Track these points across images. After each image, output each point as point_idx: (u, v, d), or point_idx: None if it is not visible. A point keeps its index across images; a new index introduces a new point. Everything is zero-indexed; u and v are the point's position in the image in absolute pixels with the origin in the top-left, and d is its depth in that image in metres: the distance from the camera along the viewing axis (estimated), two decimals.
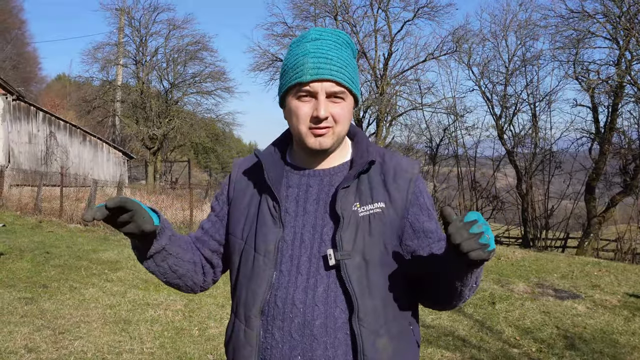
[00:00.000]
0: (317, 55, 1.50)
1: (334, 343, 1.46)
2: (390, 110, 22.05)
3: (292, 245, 1.53)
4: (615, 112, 16.32)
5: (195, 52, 31.41)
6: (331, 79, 1.48)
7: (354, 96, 1.56)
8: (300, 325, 1.47)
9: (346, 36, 1.59)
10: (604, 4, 15.74)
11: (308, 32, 1.58)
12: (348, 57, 1.55)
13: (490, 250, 1.27)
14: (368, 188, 1.55)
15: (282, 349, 1.48)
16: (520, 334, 6.11)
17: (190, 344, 5.56)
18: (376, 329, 1.47)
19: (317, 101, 1.49)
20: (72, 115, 34.99)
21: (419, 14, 22.22)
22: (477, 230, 1.25)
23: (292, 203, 1.58)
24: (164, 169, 34.59)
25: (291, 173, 1.63)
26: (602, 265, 10.32)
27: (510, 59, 19.75)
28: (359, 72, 12.28)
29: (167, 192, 22.49)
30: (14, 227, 13.07)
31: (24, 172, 22.03)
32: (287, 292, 1.50)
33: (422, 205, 1.56)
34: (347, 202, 1.52)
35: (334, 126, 1.52)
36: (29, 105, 23.38)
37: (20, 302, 6.77)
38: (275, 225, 1.55)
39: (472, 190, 20.45)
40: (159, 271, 1.62)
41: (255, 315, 1.52)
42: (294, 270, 1.51)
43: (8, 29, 42.92)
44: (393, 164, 1.59)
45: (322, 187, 1.58)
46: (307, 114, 1.51)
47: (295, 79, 1.50)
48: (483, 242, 1.25)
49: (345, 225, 1.49)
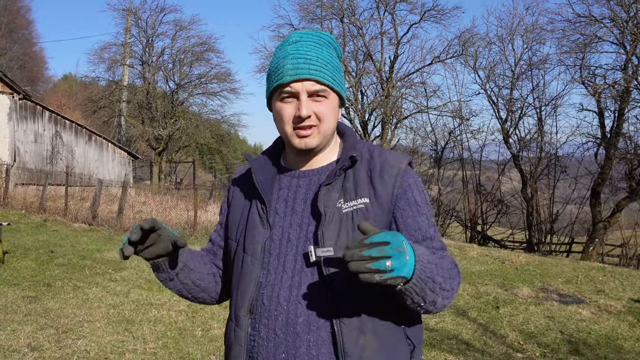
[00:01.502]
0: (296, 56, 1.51)
1: (317, 341, 1.46)
2: (395, 113, 22.01)
3: (279, 245, 1.55)
4: (621, 117, 16.24)
5: (201, 53, 31.53)
6: (311, 78, 1.49)
7: (337, 94, 1.57)
8: (284, 323, 1.48)
9: (328, 37, 1.61)
10: (611, 9, 15.67)
11: (290, 35, 1.60)
12: (329, 56, 1.56)
13: (388, 277, 1.21)
14: (353, 184, 1.55)
15: (268, 347, 1.50)
16: (524, 339, 6.09)
17: (193, 345, 5.55)
18: (359, 326, 1.46)
19: (299, 101, 1.51)
20: (78, 115, 35.13)
21: (425, 17, 22.19)
22: (376, 254, 1.20)
23: (281, 204, 1.61)
24: (169, 169, 34.66)
25: (283, 175, 1.66)
26: (607, 270, 10.28)
27: (516, 63, 19.67)
28: (366, 75, 12.12)
29: (171, 193, 22.51)
30: (18, 226, 13.11)
31: (30, 171, 22.10)
32: (273, 290, 1.51)
33: (410, 200, 1.54)
34: (330, 199, 1.52)
35: (319, 125, 1.53)
36: (35, 104, 23.46)
37: (24, 300, 6.78)
38: (263, 227, 1.58)
39: (476, 194, 20.38)
40: (185, 288, 1.69)
41: (244, 315, 1.55)
42: (280, 269, 1.53)
43: (15, 29, 43.12)
44: (380, 160, 1.58)
45: (310, 186, 1.60)
46: (291, 115, 1.52)
47: (277, 81, 1.52)
48: (375, 267, 1.19)
49: (328, 221, 1.49)
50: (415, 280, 1.29)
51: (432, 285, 1.34)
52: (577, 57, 17.03)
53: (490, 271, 9.80)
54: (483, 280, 8.93)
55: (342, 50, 1.68)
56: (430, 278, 1.33)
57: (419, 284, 1.30)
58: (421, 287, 1.31)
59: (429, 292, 1.34)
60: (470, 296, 7.83)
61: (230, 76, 33.03)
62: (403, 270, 1.24)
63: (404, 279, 1.26)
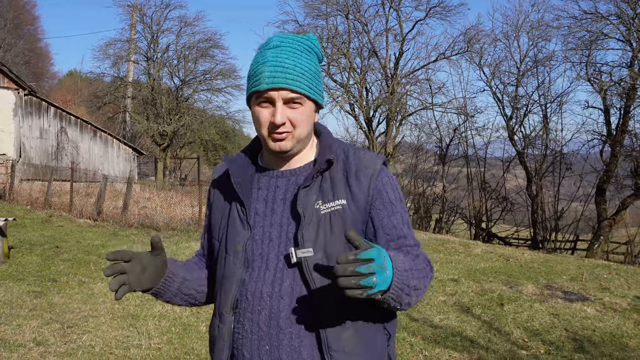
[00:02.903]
0: (274, 64, 1.55)
1: (299, 333, 1.53)
2: (400, 109, 21.98)
3: (261, 244, 1.61)
4: (627, 114, 16.18)
5: (206, 50, 31.51)
6: (286, 88, 1.54)
7: (312, 100, 1.60)
8: (267, 317, 1.55)
9: (309, 41, 1.64)
10: (617, 6, 15.60)
11: (270, 39, 1.64)
12: (307, 63, 1.59)
13: (372, 293, 1.28)
14: (330, 186, 1.60)
15: (252, 339, 1.56)
16: (529, 336, 6.08)
17: (198, 340, 5.57)
18: (340, 322, 1.53)
19: (275, 108, 1.56)
20: (83, 110, 35.21)
21: (430, 13, 22.15)
22: (365, 271, 1.26)
23: (261, 204, 1.66)
24: (174, 165, 34.73)
25: (261, 175, 1.71)
26: (612, 268, 10.25)
27: (521, 60, 19.63)
28: (370, 71, 12.14)
29: (176, 189, 22.55)
30: (24, 221, 13.16)
31: (35, 166, 22.18)
32: (256, 287, 1.57)
33: (385, 200, 1.60)
34: (308, 201, 1.58)
35: (293, 130, 1.58)
36: (41, 100, 23.52)
37: (29, 295, 6.81)
38: (244, 228, 1.64)
39: (481, 191, 20.36)
40: (191, 298, 1.78)
41: (227, 312, 1.62)
42: (263, 267, 1.59)
43: (21, 25, 43.21)
44: (356, 161, 1.63)
45: (288, 187, 1.65)
46: (267, 119, 1.57)
47: (254, 87, 1.57)
48: (364, 283, 1.26)
49: (307, 223, 1.55)
50: (392, 291, 1.36)
51: (408, 290, 1.42)
52: (583, 54, 16.98)
53: (495, 268, 9.79)
54: (487, 277, 8.92)
55: (323, 53, 1.72)
56: (405, 285, 1.40)
57: (396, 292, 1.38)
58: (397, 295, 1.39)
59: (405, 296, 1.42)
60: (474, 293, 7.82)
61: (235, 72, 33.03)
62: (383, 285, 1.31)
63: (383, 292, 1.34)
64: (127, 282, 1.53)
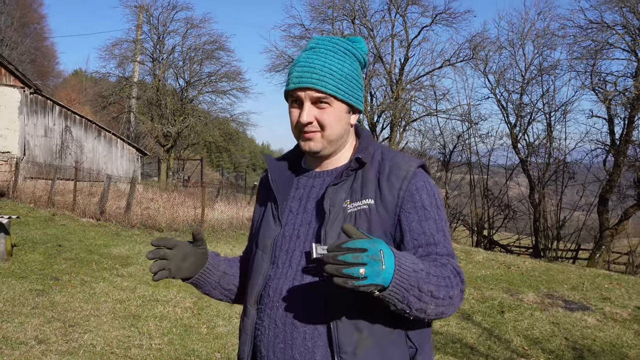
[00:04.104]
0: (303, 65, 1.58)
1: (313, 334, 1.51)
2: (404, 115, 22.00)
3: (289, 241, 1.62)
4: (631, 124, 16.17)
5: (211, 52, 31.54)
6: (312, 87, 1.55)
7: (343, 102, 1.60)
8: (283, 314, 1.54)
9: (347, 44, 1.64)
10: (623, 16, 15.63)
11: (310, 40, 1.67)
12: (338, 64, 1.59)
13: (360, 284, 1.24)
14: (360, 185, 1.58)
15: (269, 336, 1.56)
16: (529, 344, 6.08)
17: (199, 342, 5.58)
18: (354, 323, 1.49)
19: (303, 107, 1.58)
20: (87, 110, 35.27)
21: (436, 20, 22.17)
22: (351, 260, 1.23)
23: (296, 202, 1.68)
24: (177, 166, 34.74)
25: (302, 176, 1.73)
26: (613, 278, 10.24)
27: (526, 68, 19.65)
28: (375, 76, 12.21)
29: (179, 190, 22.57)
30: (27, 219, 13.20)
31: (39, 165, 22.22)
32: (278, 283, 1.58)
33: (417, 204, 1.54)
34: (336, 199, 1.57)
35: (322, 131, 1.59)
36: (46, 99, 23.59)
37: (31, 293, 6.84)
38: (275, 224, 1.66)
39: (484, 198, 20.35)
40: (230, 293, 1.83)
41: (252, 305, 1.63)
42: (287, 264, 1.59)
43: (27, 23, 43.35)
44: (390, 162, 1.61)
45: (322, 186, 1.66)
46: (296, 119, 1.60)
47: (285, 87, 1.62)
48: (347, 272, 1.22)
49: (331, 220, 1.54)
50: (393, 289, 1.30)
51: (418, 294, 1.34)
52: (588, 64, 17.00)
53: (496, 276, 9.79)
54: (488, 284, 8.92)
55: (366, 57, 1.70)
56: (414, 287, 1.33)
57: (400, 291, 1.31)
58: (403, 295, 1.32)
59: (414, 300, 1.34)
60: (475, 300, 7.83)
61: (240, 75, 33.05)
62: (377, 279, 1.25)
63: (378, 287, 1.27)
64: (167, 268, 1.58)
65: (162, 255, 1.57)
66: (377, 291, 1.30)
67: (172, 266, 1.59)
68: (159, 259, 1.57)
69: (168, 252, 1.59)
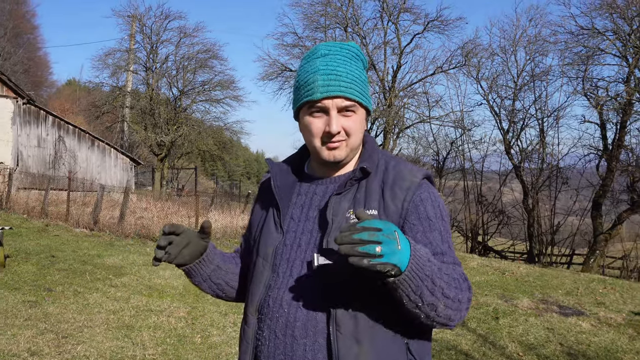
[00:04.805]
0: (327, 72, 1.53)
1: (314, 346, 1.48)
2: (397, 122, 22.07)
3: (290, 249, 1.59)
4: (623, 129, 16.27)
5: (205, 60, 31.55)
6: (341, 95, 1.52)
7: (364, 108, 1.59)
8: (283, 325, 1.52)
9: (354, 48, 1.62)
10: (614, 22, 15.74)
11: (317, 47, 1.61)
12: (357, 70, 1.58)
13: (376, 262, 1.21)
14: (364, 196, 1.56)
15: (269, 347, 1.54)
16: (524, 350, 6.08)
17: (193, 352, 5.56)
18: (355, 335, 1.45)
19: (329, 117, 1.54)
20: (81, 120, 35.24)
21: (428, 27, 22.28)
22: (366, 238, 1.21)
23: (297, 209, 1.65)
24: (171, 175, 34.69)
25: (304, 182, 1.70)
26: (607, 282, 10.27)
27: (519, 74, 19.74)
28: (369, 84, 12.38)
29: (173, 199, 22.54)
30: (20, 230, 13.14)
31: (32, 175, 22.14)
32: (278, 293, 1.55)
33: (422, 215, 1.52)
34: (339, 209, 1.55)
35: (347, 139, 1.56)
36: (39, 109, 23.55)
37: (24, 305, 6.80)
38: (277, 231, 1.63)
39: (478, 204, 20.38)
40: (219, 289, 1.80)
41: (252, 314, 1.61)
42: (287, 273, 1.57)
43: (20, 34, 43.33)
44: (394, 172, 1.58)
45: (325, 194, 1.63)
46: (320, 129, 1.55)
47: (307, 96, 1.54)
48: (364, 250, 1.20)
49: (334, 230, 1.51)
50: (409, 274, 1.28)
51: (432, 286, 1.32)
52: (579, 69, 17.11)
53: (491, 282, 9.80)
54: (483, 290, 8.93)
55: (367, 60, 1.70)
56: (428, 277, 1.31)
57: (415, 279, 1.29)
58: (417, 284, 1.30)
59: (427, 292, 1.32)
60: (470, 306, 7.83)
61: (234, 83, 33.02)
62: (393, 258, 1.23)
63: (394, 268, 1.25)
64: (168, 252, 1.59)
65: (170, 241, 1.59)
66: (392, 274, 1.26)
67: (174, 251, 1.59)
68: (167, 245, 1.59)
69: (175, 238, 1.59)
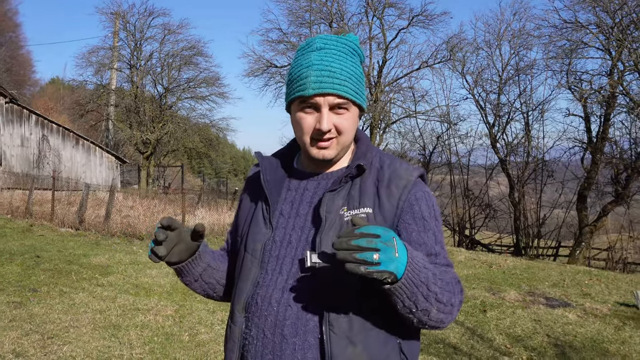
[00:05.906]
0: (320, 68, 1.49)
1: (303, 345, 1.45)
2: (384, 117, 22.10)
3: (280, 246, 1.55)
4: (607, 122, 16.42)
5: (190, 57, 31.44)
6: (333, 93, 1.48)
7: (358, 105, 1.55)
8: (272, 324, 1.48)
9: (352, 43, 1.57)
10: (597, 15, 15.85)
11: (313, 40, 1.56)
12: (353, 67, 1.53)
13: (373, 270, 1.21)
14: (358, 193, 1.52)
15: (256, 346, 1.51)
16: (511, 342, 6.12)
17: (180, 350, 5.52)
18: (349, 336, 1.43)
19: (320, 114, 1.50)
20: (65, 118, 34.94)
21: (413, 22, 22.34)
22: (364, 244, 1.20)
23: (287, 205, 1.61)
24: (157, 173, 34.52)
25: (294, 177, 1.66)
26: (593, 274, 10.35)
27: (503, 68, 19.86)
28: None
29: (159, 197, 22.41)
30: (4, 231, 12.99)
31: (16, 175, 21.93)
32: (267, 291, 1.52)
33: (416, 215, 1.50)
34: (333, 206, 1.51)
35: (338, 137, 1.52)
36: (22, 108, 23.30)
37: (9, 306, 6.72)
38: (266, 227, 1.59)
39: (464, 198, 20.49)
40: (210, 288, 1.76)
41: (239, 311, 1.57)
42: (277, 270, 1.53)
43: (2, 32, 42.85)
44: (389, 171, 1.55)
45: (316, 190, 1.59)
46: (311, 126, 1.51)
47: (299, 91, 1.50)
48: (361, 257, 1.20)
49: (327, 228, 1.48)
50: (405, 281, 1.27)
51: (426, 292, 1.32)
52: (563, 63, 17.24)
53: (478, 275, 9.84)
54: (471, 284, 8.96)
55: (364, 54, 1.64)
56: (424, 283, 1.31)
57: (410, 286, 1.28)
58: (412, 291, 1.29)
59: (422, 298, 1.32)
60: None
61: (219, 80, 32.97)
62: (390, 266, 1.22)
63: (391, 275, 1.24)
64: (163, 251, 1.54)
65: (166, 235, 1.54)
66: (389, 281, 1.25)
67: (167, 247, 1.55)
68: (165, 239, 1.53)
69: (170, 234, 1.54)
